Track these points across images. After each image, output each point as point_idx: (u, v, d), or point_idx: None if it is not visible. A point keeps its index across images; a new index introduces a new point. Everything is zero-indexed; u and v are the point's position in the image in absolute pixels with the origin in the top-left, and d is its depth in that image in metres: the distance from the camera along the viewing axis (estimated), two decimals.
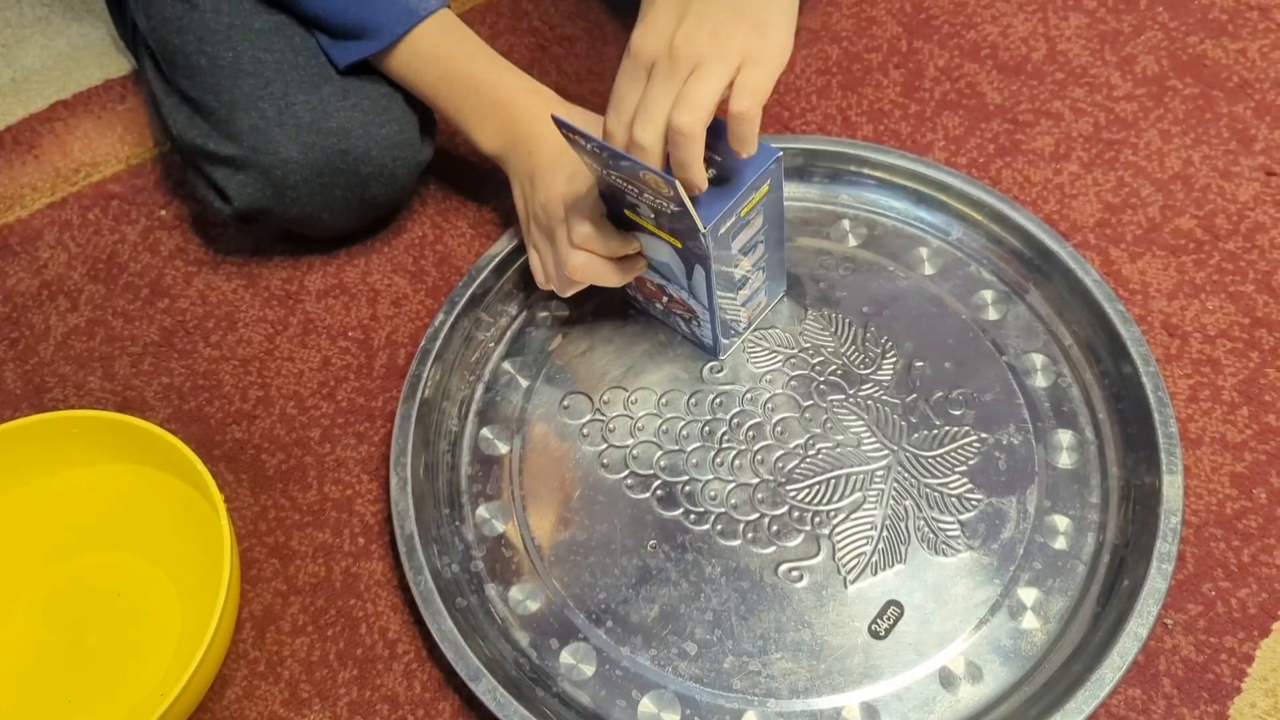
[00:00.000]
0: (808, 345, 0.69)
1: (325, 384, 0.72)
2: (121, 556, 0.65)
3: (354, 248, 0.77)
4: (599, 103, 0.63)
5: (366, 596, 0.63)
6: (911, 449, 0.64)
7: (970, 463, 0.63)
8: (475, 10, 0.92)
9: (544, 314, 0.72)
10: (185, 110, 0.70)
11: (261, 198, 0.69)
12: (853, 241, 0.74)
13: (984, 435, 0.64)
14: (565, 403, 0.68)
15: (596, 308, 0.72)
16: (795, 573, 0.60)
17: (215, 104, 0.68)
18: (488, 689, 0.55)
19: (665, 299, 0.67)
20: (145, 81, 0.79)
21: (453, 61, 0.68)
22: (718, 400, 0.67)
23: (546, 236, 0.65)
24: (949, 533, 0.61)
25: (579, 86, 0.61)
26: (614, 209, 0.61)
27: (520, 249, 0.72)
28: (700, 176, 0.54)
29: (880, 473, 0.63)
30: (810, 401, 0.66)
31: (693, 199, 0.55)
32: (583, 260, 0.61)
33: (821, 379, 0.67)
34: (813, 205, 0.76)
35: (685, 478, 0.64)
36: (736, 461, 0.65)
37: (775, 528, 0.62)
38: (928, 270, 0.72)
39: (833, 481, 0.63)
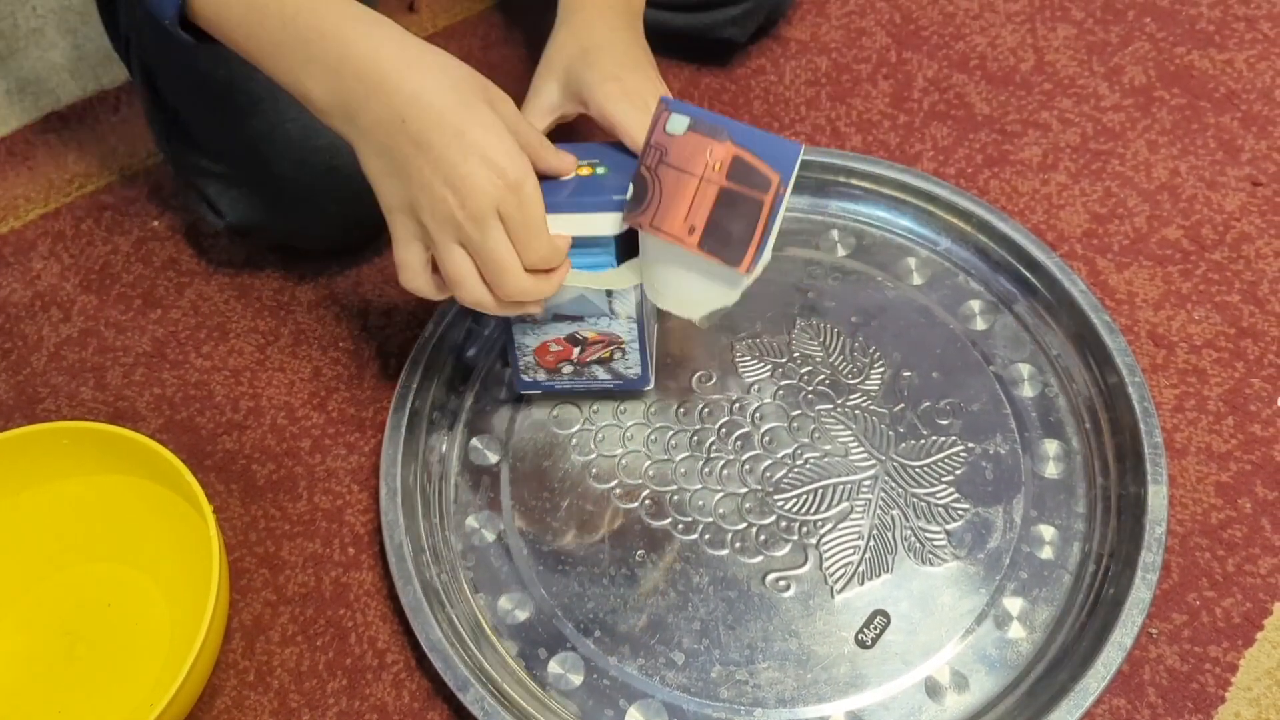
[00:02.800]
0: (796, 355, 0.69)
1: (316, 394, 0.72)
2: (111, 567, 0.65)
3: (345, 259, 0.78)
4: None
5: (356, 606, 0.63)
6: (899, 459, 0.64)
7: (957, 472, 0.64)
8: (468, 22, 0.92)
9: None
10: (178, 125, 0.71)
11: (253, 213, 0.70)
12: (841, 251, 0.74)
13: (971, 445, 0.65)
14: (554, 412, 0.68)
15: None
16: (782, 582, 0.61)
17: (207, 120, 0.68)
18: (475, 699, 0.56)
19: (577, 352, 0.63)
20: (138, 94, 0.79)
21: None
22: (706, 410, 0.67)
23: (455, 237, 0.51)
24: (936, 542, 0.61)
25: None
26: None
27: None
28: None
29: (867, 482, 0.64)
30: (798, 411, 0.67)
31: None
32: (533, 284, 0.53)
33: (809, 389, 0.68)
34: (801, 215, 0.76)
35: (673, 487, 0.64)
36: (724, 471, 0.65)
37: (763, 537, 0.62)
38: (916, 280, 0.72)
39: (820, 491, 0.64)
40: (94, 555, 0.65)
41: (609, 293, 0.59)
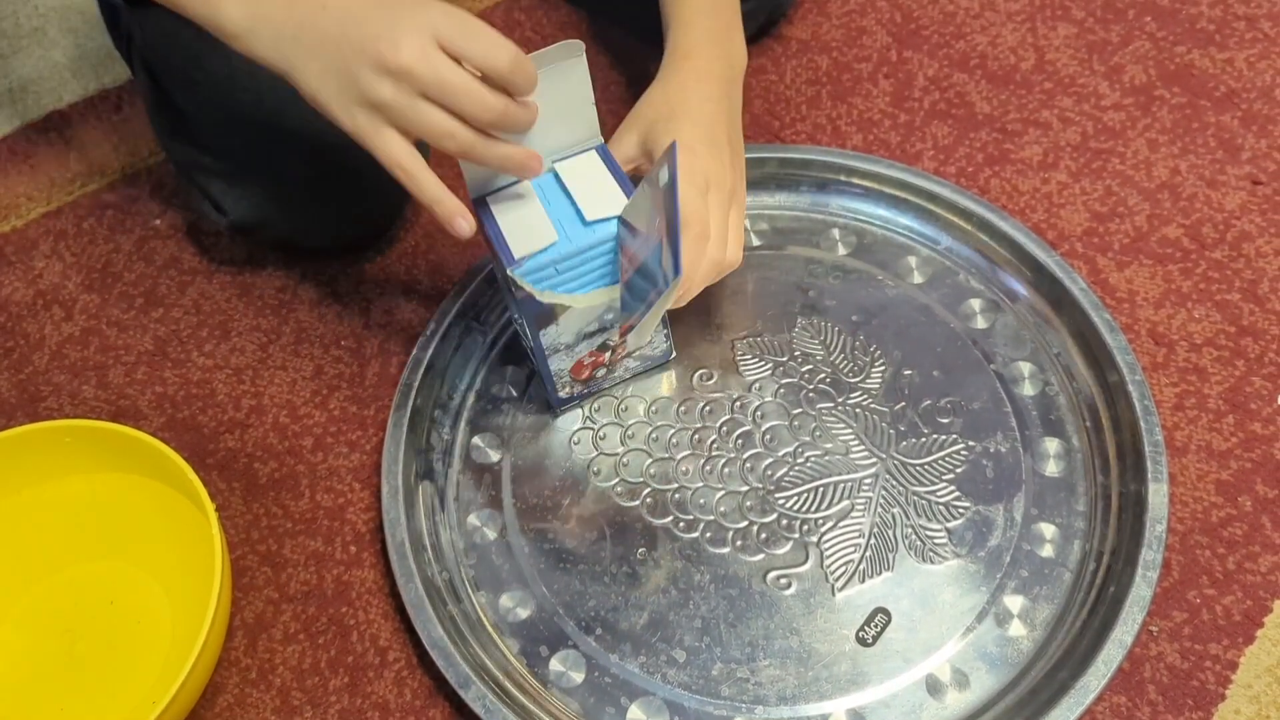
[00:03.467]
0: (797, 353, 0.69)
1: (318, 393, 0.72)
2: (114, 565, 0.65)
3: (347, 257, 0.78)
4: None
5: (358, 604, 0.63)
6: (900, 457, 0.65)
7: (958, 470, 0.64)
8: None
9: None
10: (180, 123, 0.71)
11: (256, 211, 0.70)
12: (842, 250, 0.74)
13: (972, 443, 0.65)
14: (556, 411, 0.68)
15: None
16: (784, 580, 0.61)
17: (210, 118, 0.68)
18: (477, 696, 0.56)
19: (608, 356, 0.64)
20: (140, 92, 0.79)
21: None
22: (707, 408, 0.67)
23: (412, 91, 0.50)
24: (936, 540, 0.61)
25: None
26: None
27: None
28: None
29: (868, 481, 0.64)
30: (799, 409, 0.67)
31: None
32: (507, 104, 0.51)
33: (810, 387, 0.68)
34: (802, 214, 0.76)
35: (675, 485, 0.65)
36: (726, 469, 0.65)
37: (764, 535, 0.62)
38: (916, 279, 0.72)
39: (821, 489, 0.64)
40: (96, 553, 0.66)
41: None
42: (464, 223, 0.54)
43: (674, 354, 0.68)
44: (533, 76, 0.52)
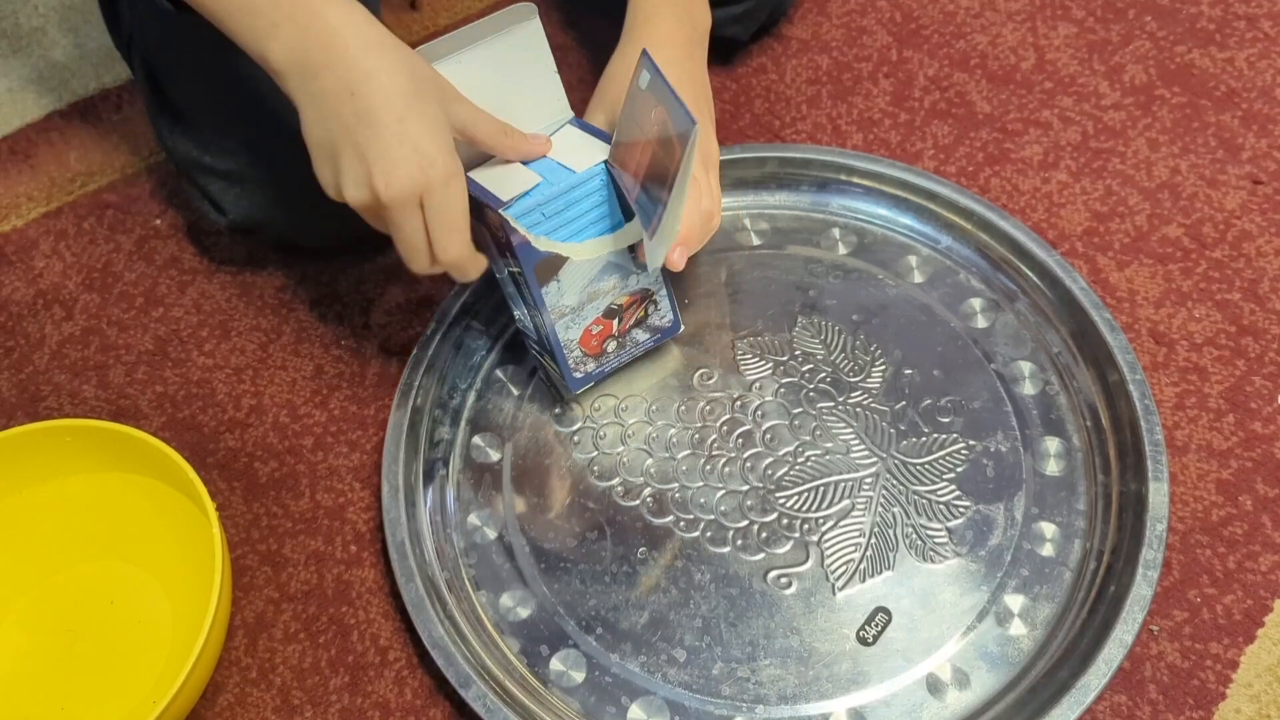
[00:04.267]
0: (797, 353, 0.69)
1: (318, 392, 0.72)
2: (114, 564, 0.65)
3: (347, 257, 0.78)
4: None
5: (358, 604, 0.63)
6: (900, 456, 0.65)
7: (958, 470, 0.64)
8: (469, 20, 0.92)
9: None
10: (180, 123, 0.71)
11: (256, 211, 0.70)
12: (842, 249, 0.74)
13: (972, 442, 0.65)
14: (556, 410, 0.68)
15: None
16: (784, 579, 0.61)
17: (210, 118, 0.68)
18: (478, 695, 0.56)
19: (616, 324, 0.63)
20: (140, 92, 0.79)
21: None
22: (707, 408, 0.67)
23: (374, 215, 0.54)
24: (937, 540, 0.61)
25: (573, 95, 0.61)
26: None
27: None
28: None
29: (869, 480, 0.64)
30: (799, 409, 0.67)
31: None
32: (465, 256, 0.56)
33: (811, 386, 0.68)
34: (802, 213, 0.76)
35: (675, 485, 0.65)
36: (726, 469, 0.65)
37: (764, 535, 0.62)
38: (917, 278, 0.72)
39: (821, 489, 0.64)
40: (96, 553, 0.66)
41: (630, 249, 0.60)
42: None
43: (682, 327, 0.67)
44: (480, 266, 0.57)
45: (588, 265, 0.59)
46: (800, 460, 0.65)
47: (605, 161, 0.57)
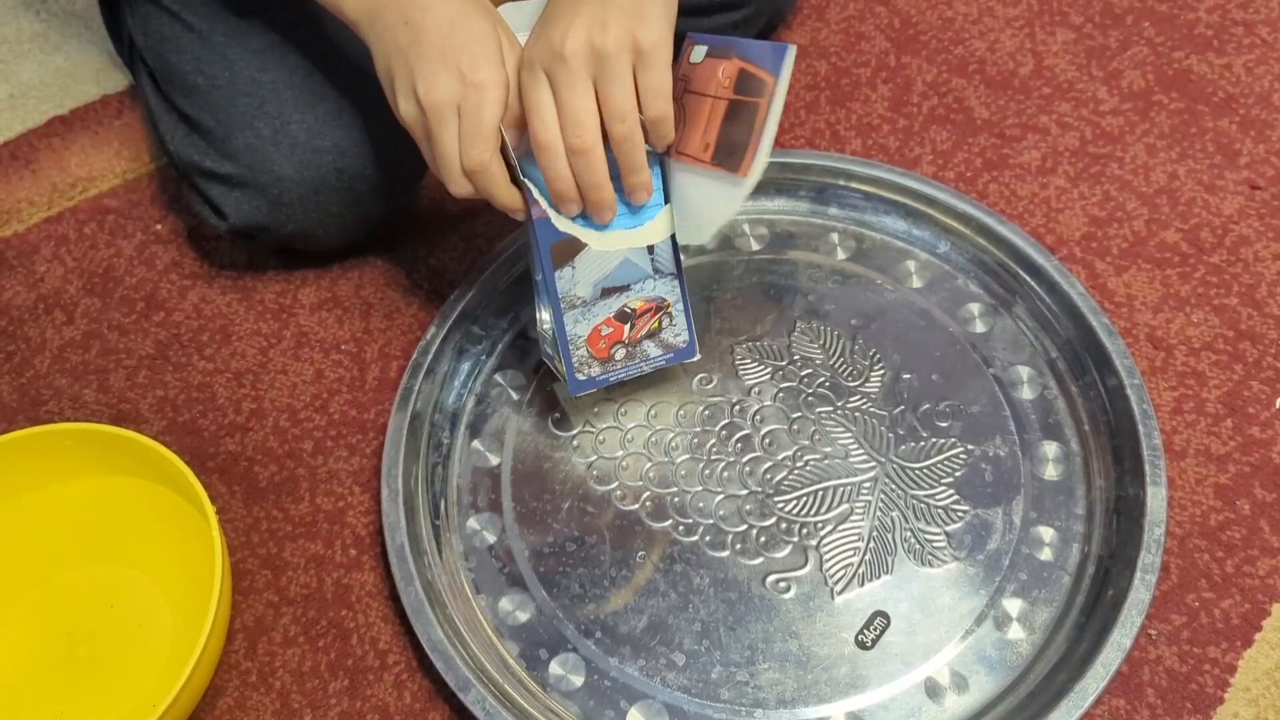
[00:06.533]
0: (796, 357, 0.69)
1: (318, 396, 0.72)
2: (114, 568, 0.65)
3: (348, 261, 0.78)
4: None
5: (358, 607, 0.63)
6: (899, 461, 0.65)
7: (957, 474, 0.64)
8: None
9: (536, 328, 0.73)
10: (182, 128, 0.71)
11: (257, 215, 0.70)
12: (841, 255, 0.75)
13: (970, 447, 0.65)
14: (555, 415, 0.68)
15: None
16: (783, 584, 0.61)
17: (211, 122, 0.69)
18: (477, 699, 0.56)
19: (627, 330, 0.62)
20: (142, 97, 0.80)
21: None
22: (706, 412, 0.67)
23: (424, 122, 0.56)
24: (935, 544, 0.62)
25: None
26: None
27: (511, 261, 0.73)
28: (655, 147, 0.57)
29: (867, 484, 0.64)
30: (798, 414, 0.67)
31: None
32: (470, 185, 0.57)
33: (810, 391, 0.68)
34: (801, 219, 0.76)
35: (674, 489, 0.65)
36: (725, 473, 0.65)
37: (763, 539, 0.62)
38: (915, 283, 0.73)
39: (820, 493, 0.64)
40: (96, 556, 0.66)
41: (650, 250, 0.59)
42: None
43: (698, 354, 0.64)
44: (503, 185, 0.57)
45: (605, 258, 0.58)
46: (799, 465, 0.65)
47: (655, 153, 0.56)
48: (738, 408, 0.68)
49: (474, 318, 0.72)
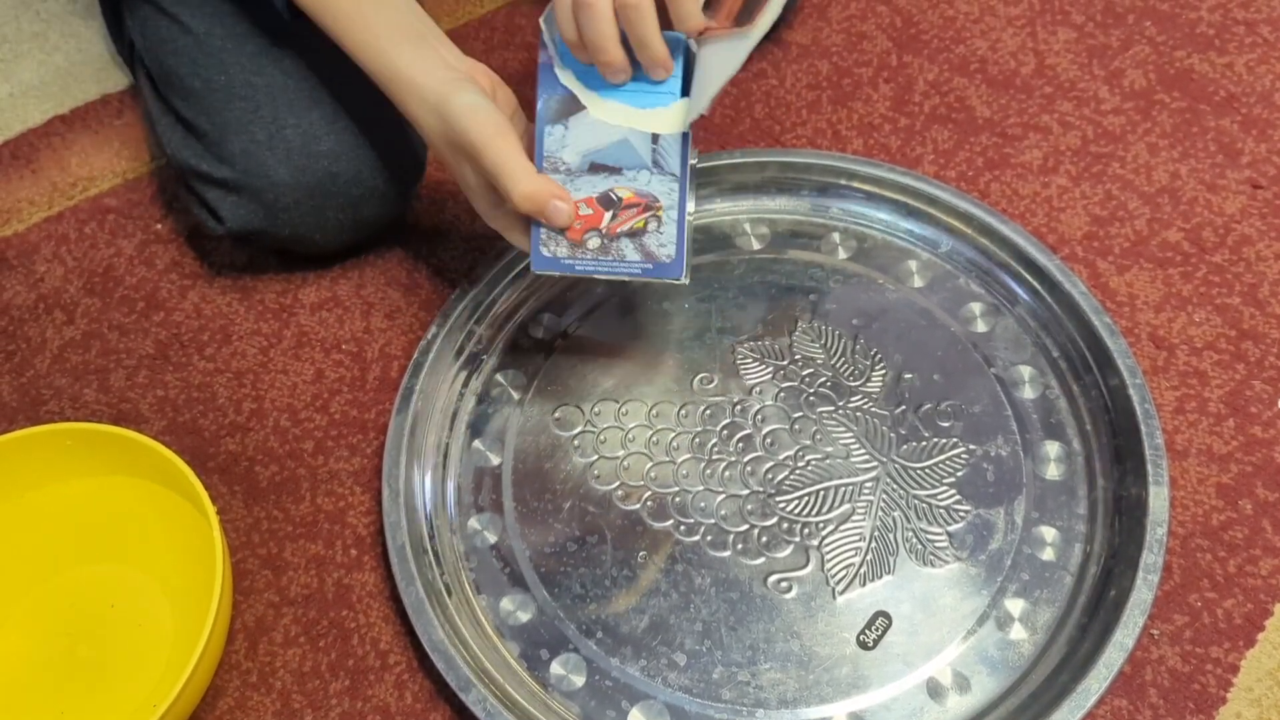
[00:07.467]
0: (797, 357, 0.69)
1: (319, 396, 0.72)
2: (114, 568, 0.65)
3: (348, 261, 0.78)
4: None
5: (358, 608, 0.63)
6: (900, 460, 0.65)
7: (958, 474, 0.64)
8: (470, 25, 0.92)
9: (536, 327, 0.73)
10: (179, 131, 0.71)
11: (254, 219, 0.70)
12: (843, 254, 0.74)
13: (972, 447, 0.65)
14: (556, 415, 0.68)
15: (589, 320, 0.72)
16: (784, 584, 0.61)
17: (208, 126, 0.69)
18: (478, 699, 0.56)
19: (608, 218, 0.57)
20: (142, 98, 0.79)
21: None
22: (708, 412, 0.67)
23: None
24: (937, 544, 0.61)
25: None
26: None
27: (512, 262, 0.73)
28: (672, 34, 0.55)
29: (869, 484, 0.64)
30: (800, 413, 0.67)
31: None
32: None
33: (811, 391, 0.68)
34: (803, 218, 0.76)
35: (675, 489, 0.65)
36: (726, 473, 0.65)
37: (765, 539, 0.62)
38: (917, 283, 0.72)
39: (822, 493, 0.64)
40: (97, 556, 0.66)
41: (655, 139, 0.56)
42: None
43: (685, 277, 0.59)
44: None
45: (601, 129, 0.55)
46: (800, 464, 0.65)
47: (686, 38, 0.54)
48: (739, 407, 0.67)
49: (475, 317, 0.72)
